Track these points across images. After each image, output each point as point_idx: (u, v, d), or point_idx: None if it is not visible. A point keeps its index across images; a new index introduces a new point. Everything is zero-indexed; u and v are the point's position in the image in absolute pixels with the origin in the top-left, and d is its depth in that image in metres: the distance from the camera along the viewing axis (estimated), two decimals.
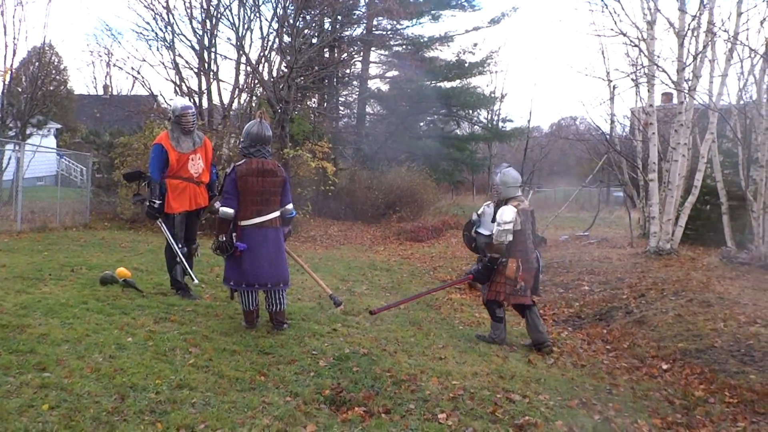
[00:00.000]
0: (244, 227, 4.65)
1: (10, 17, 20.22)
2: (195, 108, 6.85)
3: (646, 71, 10.51)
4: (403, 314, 6.10)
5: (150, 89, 18.43)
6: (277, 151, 13.94)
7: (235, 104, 17.97)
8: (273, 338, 4.57)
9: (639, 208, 14.44)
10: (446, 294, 7.67)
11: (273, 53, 17.70)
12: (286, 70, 16.21)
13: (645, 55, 10.25)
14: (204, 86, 17.15)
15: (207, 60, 17.12)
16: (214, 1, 16.93)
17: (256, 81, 17.44)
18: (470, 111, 26.59)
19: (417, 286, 8.51)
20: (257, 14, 18.40)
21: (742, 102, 11.28)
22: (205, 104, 17.04)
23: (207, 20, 16.91)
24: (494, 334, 5.39)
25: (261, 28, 33.70)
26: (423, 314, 6.34)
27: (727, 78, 10.50)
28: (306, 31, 17.41)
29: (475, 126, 28.81)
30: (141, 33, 18.47)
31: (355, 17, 21.81)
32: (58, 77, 22.94)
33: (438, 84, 24.47)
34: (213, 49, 17.28)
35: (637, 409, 3.95)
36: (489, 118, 31.05)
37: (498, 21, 24.40)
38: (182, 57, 22.92)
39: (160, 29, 17.42)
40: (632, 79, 12.40)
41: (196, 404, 3.24)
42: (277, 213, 4.78)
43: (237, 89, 17.64)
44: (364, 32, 22.58)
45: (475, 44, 24.76)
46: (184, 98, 13.79)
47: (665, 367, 4.96)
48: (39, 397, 3.06)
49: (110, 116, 23.42)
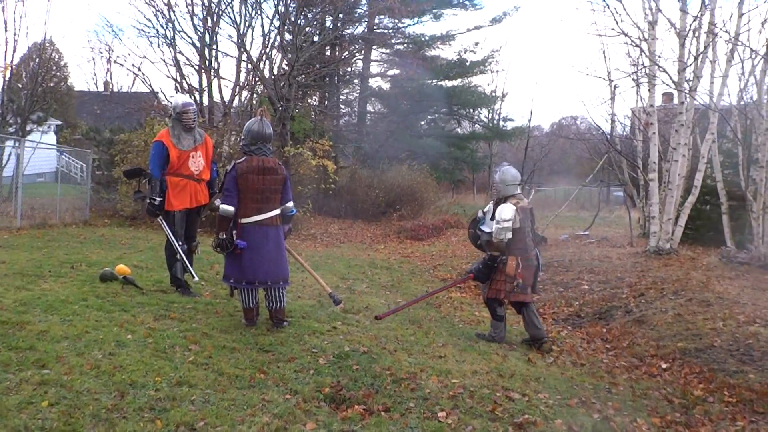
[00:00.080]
0: (245, 225, 4.65)
1: (11, 13, 20.30)
2: (196, 105, 6.84)
3: (647, 71, 10.50)
4: (403, 313, 6.09)
5: (151, 86, 18.45)
6: (278, 149, 13.94)
7: (236, 102, 17.96)
8: (273, 336, 4.58)
9: (639, 208, 14.43)
10: (446, 292, 7.67)
11: (274, 51, 17.72)
12: (288, 68, 16.20)
13: (646, 55, 10.24)
14: (205, 83, 17.16)
15: (208, 57, 17.10)
16: None
17: (257, 78, 17.43)
18: (471, 110, 26.60)
19: (417, 285, 8.51)
20: (258, 11, 18.44)
21: (743, 102, 11.27)
22: (206, 101, 17.02)
23: (208, 17, 16.90)
24: (494, 333, 5.39)
25: (262, 26, 33.75)
26: (423, 313, 6.33)
27: (728, 78, 10.51)
28: (307, 29, 17.37)
29: (476, 125, 28.81)
30: (142, 30, 18.45)
31: (357, 15, 21.79)
32: (59, 74, 22.95)
33: (439, 83, 24.48)
34: (214, 47, 17.27)
35: (637, 408, 3.95)
36: (490, 117, 31.01)
37: (500, 20, 24.44)
38: (183, 54, 22.92)
39: (161, 26, 17.39)
40: (633, 79, 12.42)
41: (196, 401, 3.24)
42: (278, 211, 4.78)
43: (238, 87, 17.63)
44: (366, 30, 22.56)
45: (477, 43, 24.98)
46: (185, 95, 13.75)
47: (664, 366, 4.97)
48: (38, 394, 3.07)
49: (111, 113, 23.43)
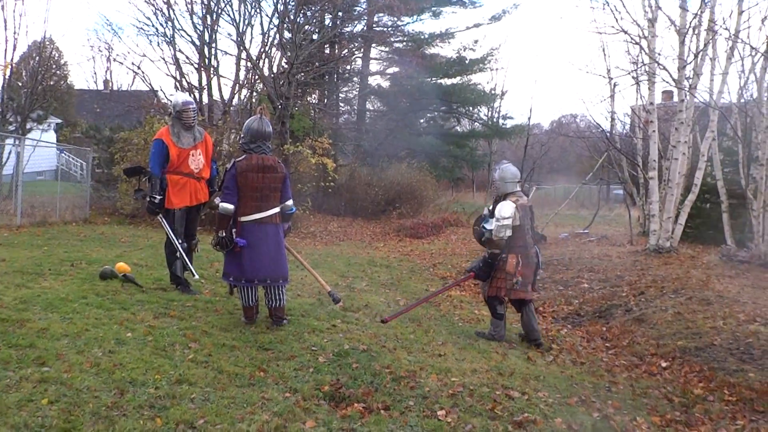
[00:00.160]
0: (244, 223, 4.64)
1: (11, 11, 20.30)
2: (195, 103, 6.83)
3: (647, 69, 10.49)
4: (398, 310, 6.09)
5: (150, 84, 18.44)
6: (278, 147, 13.93)
7: (236, 100, 17.96)
8: (272, 334, 4.58)
9: (639, 206, 14.43)
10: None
11: (273, 49, 17.70)
12: (287, 66, 16.18)
13: (646, 53, 10.23)
14: (204, 82, 17.15)
15: (207, 55, 17.10)
16: None
17: (257, 77, 17.42)
18: (470, 108, 26.56)
19: (417, 283, 8.51)
20: (258, 10, 18.34)
21: (743, 100, 11.26)
22: (206, 100, 17.02)
23: (207, 16, 16.89)
24: (494, 331, 5.39)
25: (261, 24, 33.48)
26: (422, 311, 6.33)
27: (728, 76, 10.51)
28: (307, 27, 17.38)
29: (476, 123, 28.80)
30: (141, 28, 18.49)
31: (356, 13, 21.75)
32: (59, 72, 22.96)
33: (438, 81, 24.44)
34: (213, 45, 17.27)
35: (636, 407, 3.95)
36: (489, 115, 31.00)
37: (499, 18, 24.40)
38: (183, 52, 22.84)
39: (161, 24, 17.41)
40: (633, 77, 12.39)
41: (196, 399, 3.24)
42: (277, 209, 4.78)
43: (237, 85, 17.63)
44: (365, 28, 22.54)
45: (476, 41, 24.76)
46: (185, 94, 13.75)
47: (664, 365, 4.97)
48: (38, 392, 3.06)
49: (110, 111, 23.45)
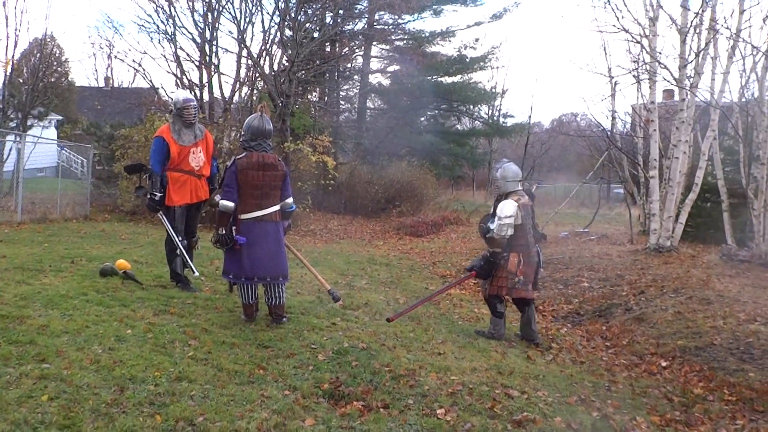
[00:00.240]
0: (244, 221, 4.64)
1: (12, 8, 20.29)
2: (196, 101, 6.83)
3: (648, 68, 10.48)
4: (402, 309, 6.09)
5: (151, 82, 18.48)
6: (278, 145, 13.93)
7: (236, 97, 17.96)
8: (272, 332, 4.58)
9: (639, 205, 14.42)
10: None
11: (274, 47, 17.71)
12: (288, 64, 16.17)
13: (647, 52, 10.22)
14: (205, 79, 17.15)
15: (208, 53, 17.09)
16: None
17: (257, 74, 17.41)
18: (471, 106, 26.56)
19: (416, 281, 8.51)
20: (259, 7, 18.34)
21: (744, 99, 11.24)
22: (206, 97, 17.02)
23: (208, 13, 16.88)
24: (494, 330, 5.39)
25: (262, 22, 33.54)
26: (422, 309, 6.32)
27: (729, 75, 10.49)
28: (307, 25, 17.34)
29: (476, 121, 28.83)
30: (142, 25, 18.53)
31: (357, 11, 21.73)
32: (60, 69, 22.97)
33: (439, 79, 24.43)
34: (214, 42, 17.25)
35: (636, 407, 3.95)
36: (490, 114, 31.03)
37: (500, 16, 24.37)
38: (183, 50, 22.97)
39: (162, 22, 17.37)
40: (634, 76, 12.38)
41: (195, 397, 3.24)
42: (277, 207, 4.78)
43: (238, 82, 17.63)
44: (366, 27, 22.53)
45: (477, 39, 24.74)
46: (186, 91, 13.74)
47: (664, 365, 4.97)
48: (38, 388, 3.06)
49: (111, 108, 23.47)
